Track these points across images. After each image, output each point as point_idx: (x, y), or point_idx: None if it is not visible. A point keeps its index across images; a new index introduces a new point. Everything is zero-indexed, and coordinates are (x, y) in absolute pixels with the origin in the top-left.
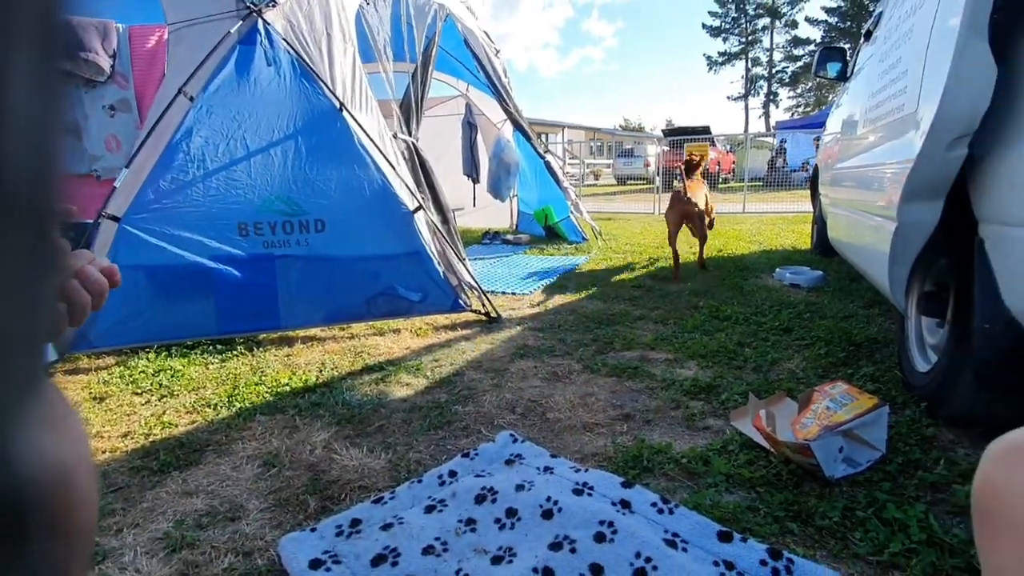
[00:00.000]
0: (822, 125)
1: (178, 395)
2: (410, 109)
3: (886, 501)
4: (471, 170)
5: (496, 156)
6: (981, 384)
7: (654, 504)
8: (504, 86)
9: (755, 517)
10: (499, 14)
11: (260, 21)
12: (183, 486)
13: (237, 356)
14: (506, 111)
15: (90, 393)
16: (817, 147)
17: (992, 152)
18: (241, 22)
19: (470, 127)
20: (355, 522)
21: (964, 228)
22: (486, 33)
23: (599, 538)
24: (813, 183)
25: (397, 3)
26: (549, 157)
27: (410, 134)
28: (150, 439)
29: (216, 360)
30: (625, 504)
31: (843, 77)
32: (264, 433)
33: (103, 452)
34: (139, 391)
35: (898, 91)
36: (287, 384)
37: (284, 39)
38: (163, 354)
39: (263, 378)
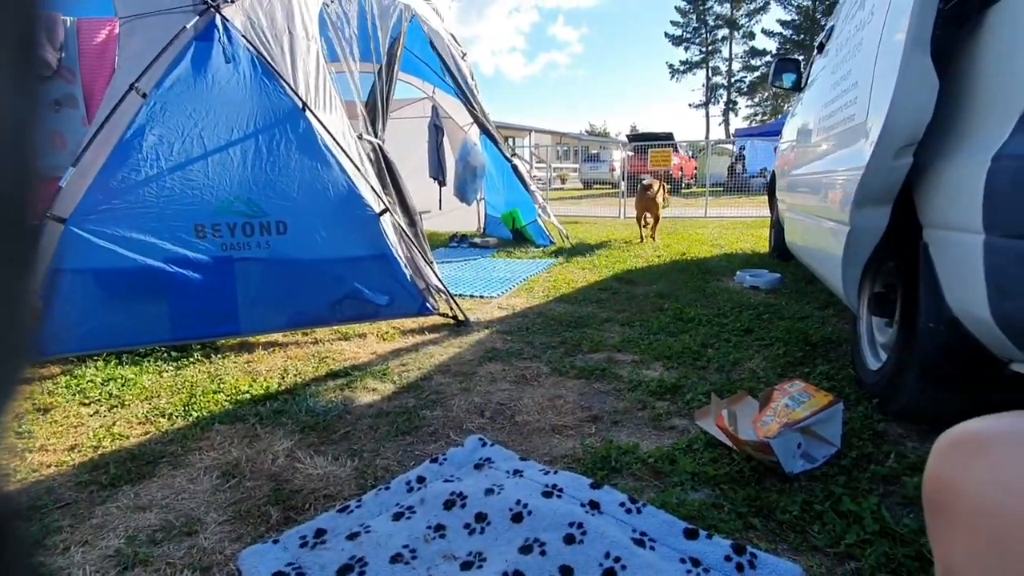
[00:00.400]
0: (779, 133)
1: (129, 405)
2: (376, 110)
3: (841, 494)
4: (437, 173)
5: (462, 159)
6: (927, 380)
7: (622, 504)
8: (470, 89)
9: (719, 514)
10: (466, 18)
11: (218, 17)
12: (135, 500)
13: (193, 363)
14: (472, 114)
15: (33, 404)
16: None
17: (935, 161)
18: (198, 18)
19: (436, 130)
20: (320, 532)
21: (910, 232)
22: (452, 36)
23: (569, 540)
24: (771, 189)
25: (362, 2)
26: (516, 161)
27: (376, 135)
28: (99, 452)
29: (171, 368)
30: (594, 505)
31: (798, 87)
32: (223, 443)
33: (48, 466)
34: (87, 401)
35: (849, 101)
36: (247, 391)
37: (244, 36)
38: (113, 362)
39: (221, 386)
